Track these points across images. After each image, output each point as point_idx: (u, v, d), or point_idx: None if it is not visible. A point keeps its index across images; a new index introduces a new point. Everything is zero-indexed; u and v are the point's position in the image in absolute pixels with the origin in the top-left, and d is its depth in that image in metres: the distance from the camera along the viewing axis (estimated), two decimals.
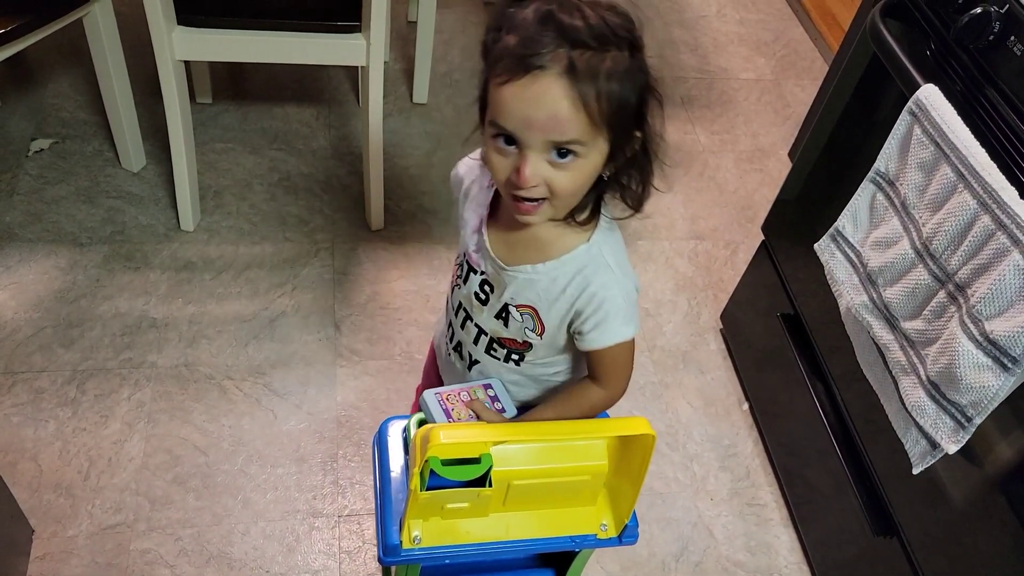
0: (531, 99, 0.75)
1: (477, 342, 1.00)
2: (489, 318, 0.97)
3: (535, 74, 0.75)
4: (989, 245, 0.97)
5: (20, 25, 1.49)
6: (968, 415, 1.01)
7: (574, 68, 0.74)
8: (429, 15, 2.06)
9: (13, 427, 1.51)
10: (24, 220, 1.83)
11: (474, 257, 0.96)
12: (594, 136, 0.78)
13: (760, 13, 2.79)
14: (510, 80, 0.76)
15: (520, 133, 0.77)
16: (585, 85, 0.75)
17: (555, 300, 0.91)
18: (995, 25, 1.03)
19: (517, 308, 0.93)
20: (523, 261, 0.91)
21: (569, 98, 0.75)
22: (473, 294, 0.97)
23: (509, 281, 0.92)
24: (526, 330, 0.95)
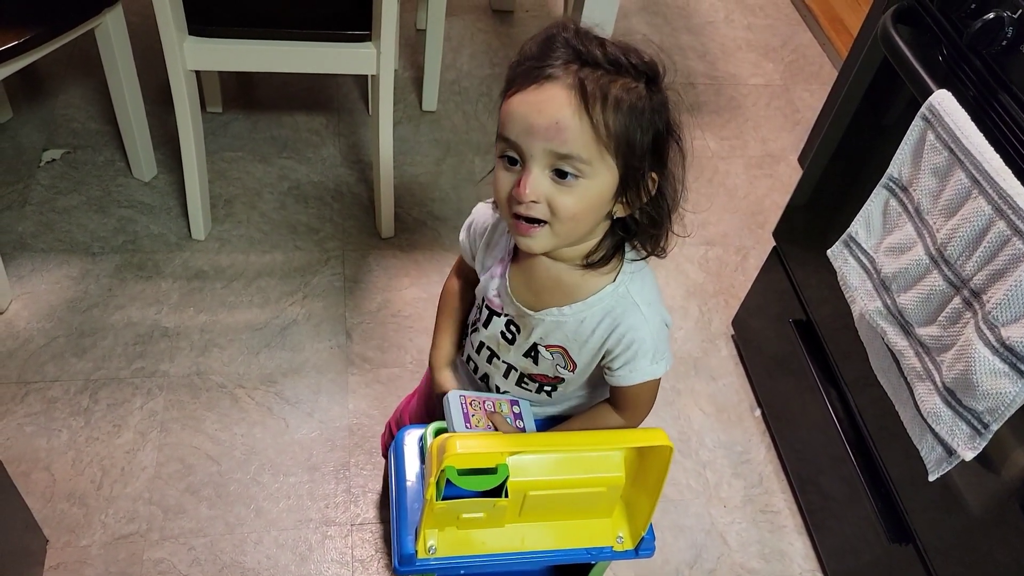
0: (535, 104, 0.75)
1: (507, 376, 1.01)
2: (518, 356, 0.97)
3: (542, 83, 0.75)
4: (1004, 251, 0.97)
5: (33, 37, 1.50)
6: (985, 421, 1.00)
7: (582, 83, 0.74)
8: (438, 23, 2.07)
9: (26, 437, 1.52)
10: (36, 230, 1.84)
11: (495, 302, 0.96)
12: (599, 156, 0.76)
13: (768, 18, 2.79)
14: (519, 90, 0.77)
15: (522, 140, 0.76)
16: (591, 100, 0.74)
17: (585, 341, 0.91)
18: (1008, 30, 1.02)
19: (547, 348, 0.94)
20: (548, 305, 0.91)
21: (573, 107, 0.74)
22: (499, 334, 0.97)
23: (536, 324, 0.92)
24: (557, 367, 0.95)
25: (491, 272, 0.97)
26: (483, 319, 0.99)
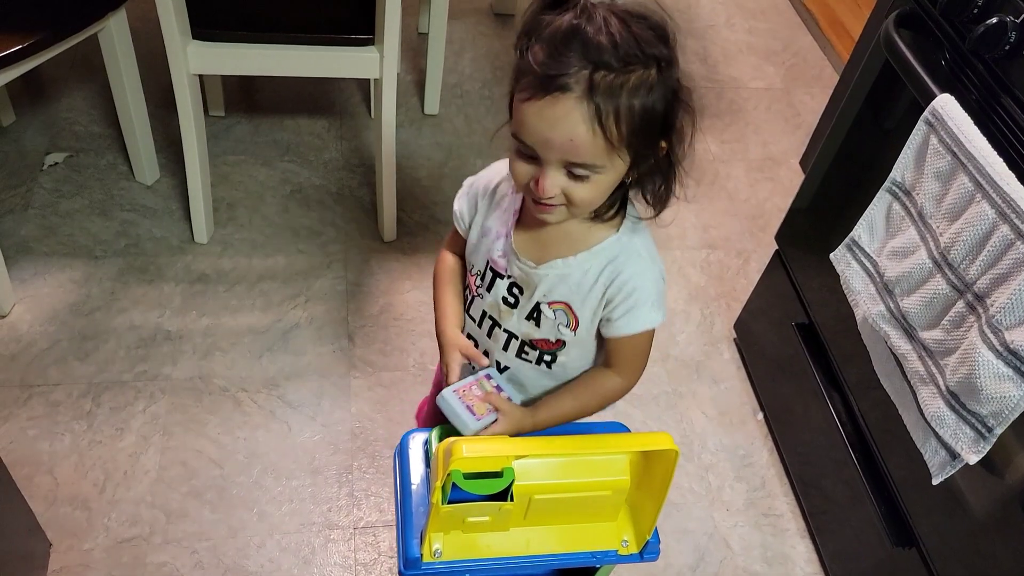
0: (550, 121, 0.77)
1: (507, 347, 1.00)
2: (520, 320, 0.98)
3: (555, 96, 0.75)
4: (1008, 255, 0.97)
5: (36, 41, 1.50)
6: (989, 425, 1.01)
7: (594, 91, 0.75)
8: (440, 26, 2.07)
9: (29, 440, 1.52)
10: (39, 234, 1.84)
11: (500, 263, 0.97)
12: (611, 158, 0.79)
13: (769, 22, 2.80)
14: (531, 98, 0.77)
15: (538, 148, 0.79)
16: (604, 115, 0.76)
17: (588, 291, 0.92)
18: (1011, 35, 1.03)
19: (550, 305, 0.94)
20: (554, 257, 0.92)
21: (586, 123, 0.76)
22: (500, 299, 0.98)
23: (540, 280, 0.93)
24: (559, 327, 0.95)
25: (496, 232, 0.97)
26: (486, 283, 0.99)
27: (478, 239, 1.00)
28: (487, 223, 0.98)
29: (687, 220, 2.11)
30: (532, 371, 1.01)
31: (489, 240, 0.98)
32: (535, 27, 0.79)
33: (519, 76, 0.79)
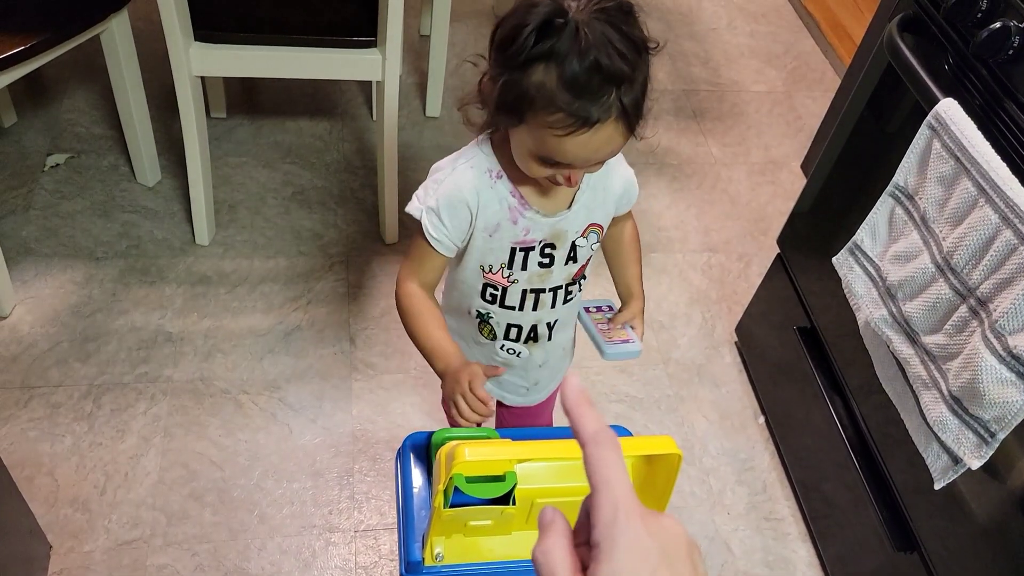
0: (594, 146, 0.85)
1: (555, 303, 1.06)
2: (560, 269, 1.03)
3: (596, 126, 0.82)
4: (1011, 259, 0.97)
5: (39, 43, 1.50)
6: (991, 430, 1.00)
7: (626, 111, 0.83)
8: (442, 29, 2.07)
9: (30, 442, 1.52)
10: (40, 235, 1.84)
11: (527, 239, 0.99)
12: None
13: (770, 25, 2.80)
14: (573, 133, 0.83)
15: (579, 165, 0.88)
16: (634, 116, 0.85)
17: (604, 199, 1.02)
18: (1015, 39, 1.03)
19: (583, 234, 1.01)
20: (572, 193, 0.98)
21: (623, 135, 0.86)
22: (536, 265, 1.02)
23: (571, 222, 0.99)
24: (592, 246, 1.04)
25: (509, 219, 0.97)
26: (520, 262, 1.01)
27: (488, 240, 0.99)
28: (489, 220, 0.97)
29: (688, 223, 2.11)
30: (567, 310, 1.09)
31: (503, 231, 0.98)
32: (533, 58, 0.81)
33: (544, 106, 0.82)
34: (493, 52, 0.87)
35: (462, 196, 0.95)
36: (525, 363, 1.13)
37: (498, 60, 0.85)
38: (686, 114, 2.40)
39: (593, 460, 0.41)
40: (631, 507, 0.39)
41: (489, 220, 0.98)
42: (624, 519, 0.39)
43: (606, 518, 0.39)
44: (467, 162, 0.96)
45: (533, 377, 1.16)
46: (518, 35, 0.81)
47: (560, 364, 1.20)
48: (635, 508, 0.40)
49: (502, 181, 0.96)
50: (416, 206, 0.98)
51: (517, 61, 0.82)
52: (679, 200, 2.16)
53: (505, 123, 0.89)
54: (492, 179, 0.96)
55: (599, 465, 0.41)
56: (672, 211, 2.13)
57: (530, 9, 0.81)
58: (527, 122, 0.85)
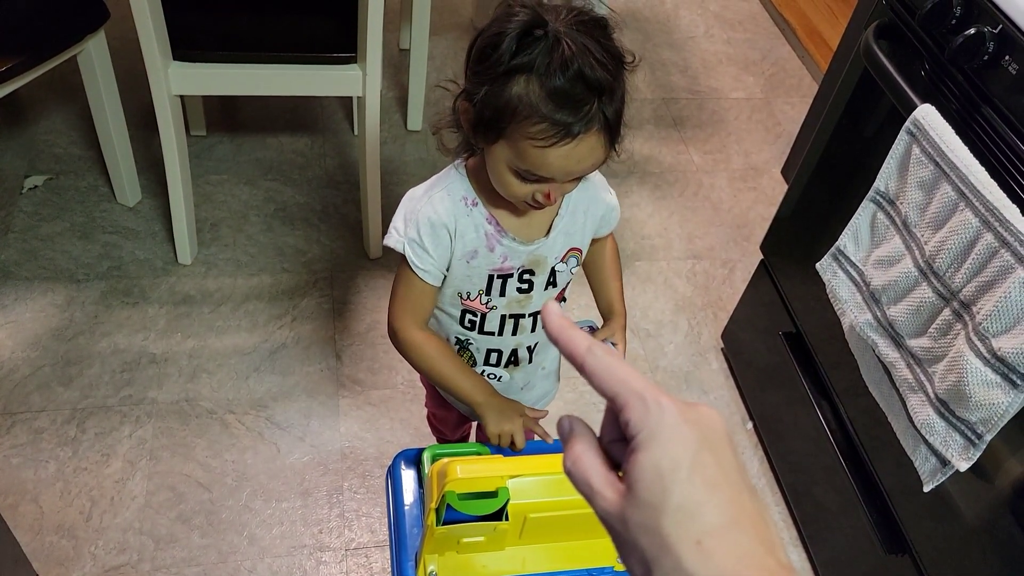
0: (575, 158, 0.84)
1: (535, 327, 1.06)
2: (539, 295, 1.03)
3: (579, 137, 0.82)
4: (993, 263, 0.98)
5: (15, 64, 1.49)
6: (978, 432, 1.01)
7: (608, 122, 0.83)
8: (422, 43, 2.08)
9: (13, 469, 1.50)
10: (19, 258, 1.82)
11: (504, 265, 0.98)
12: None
13: (747, 32, 2.82)
14: (555, 144, 0.82)
15: (559, 178, 0.87)
16: (615, 128, 0.85)
17: (583, 224, 1.01)
18: (989, 45, 1.04)
19: (562, 260, 1.01)
20: (550, 218, 0.98)
21: (605, 146, 0.86)
22: (515, 291, 1.01)
23: (549, 249, 0.99)
24: (571, 270, 1.03)
25: (486, 246, 0.96)
26: (496, 291, 1.01)
27: (465, 267, 0.98)
28: (466, 247, 0.96)
29: (672, 231, 2.12)
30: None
31: (480, 258, 0.97)
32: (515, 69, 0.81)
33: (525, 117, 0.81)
34: (471, 66, 0.86)
35: (441, 220, 0.94)
36: (506, 387, 1.11)
37: (477, 73, 0.85)
38: (666, 122, 2.42)
39: (598, 370, 0.40)
40: (659, 395, 0.38)
41: (467, 247, 0.97)
42: (656, 408, 0.38)
43: (638, 412, 0.38)
44: (442, 189, 0.95)
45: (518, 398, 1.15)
46: (499, 44, 0.81)
47: (544, 385, 1.19)
48: (664, 395, 0.38)
49: (478, 208, 0.95)
50: (397, 239, 0.96)
51: (497, 72, 0.82)
52: (662, 208, 2.17)
53: (483, 140, 0.87)
54: (468, 206, 0.95)
55: (606, 372, 0.39)
56: (655, 219, 2.14)
57: (509, 19, 0.81)
58: (507, 136, 0.84)
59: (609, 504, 0.38)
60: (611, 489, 0.39)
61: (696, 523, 0.36)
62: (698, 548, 0.35)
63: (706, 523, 0.36)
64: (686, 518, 0.36)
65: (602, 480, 0.39)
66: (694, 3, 2.91)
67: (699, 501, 0.36)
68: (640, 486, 0.37)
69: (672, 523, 0.36)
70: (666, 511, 0.36)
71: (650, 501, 0.36)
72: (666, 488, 0.36)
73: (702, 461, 0.37)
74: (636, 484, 0.37)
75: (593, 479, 0.39)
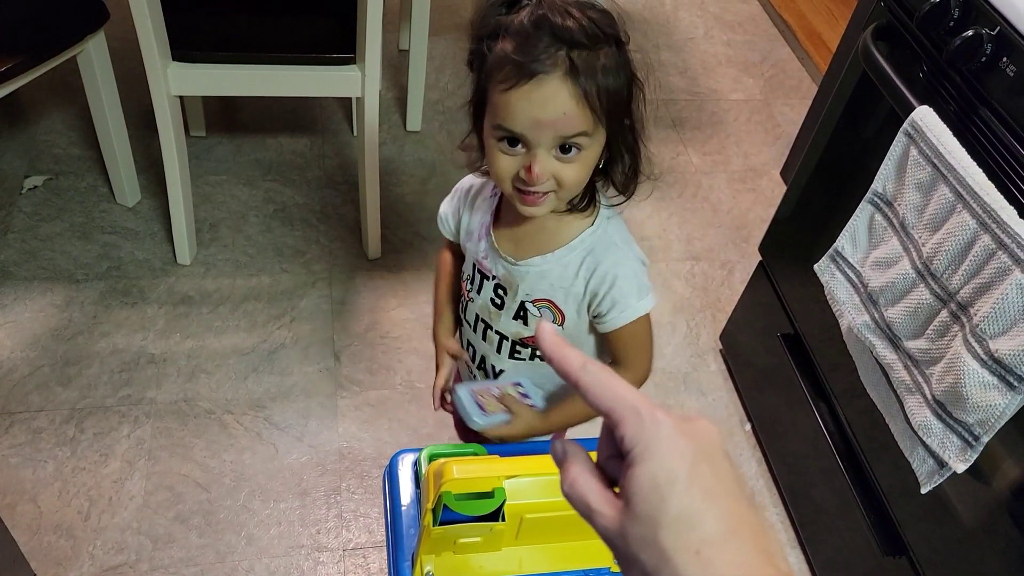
0: (539, 102, 0.80)
1: (500, 350, 1.02)
2: (508, 321, 1.00)
3: (540, 78, 0.79)
4: (990, 264, 0.98)
5: (15, 65, 1.49)
6: (975, 434, 1.01)
7: (575, 68, 0.79)
8: (421, 43, 2.08)
9: (11, 468, 1.50)
10: (19, 258, 1.82)
11: (485, 264, 0.99)
12: (596, 127, 0.83)
13: (747, 34, 2.82)
14: (515, 86, 0.80)
15: (529, 133, 0.82)
16: (586, 82, 0.80)
17: (570, 286, 0.95)
18: (987, 47, 1.04)
19: (534, 303, 0.97)
20: (532, 254, 0.95)
21: (575, 96, 0.80)
22: (489, 301, 1.00)
23: (521, 278, 0.96)
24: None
25: (478, 234, 1.00)
26: (476, 285, 1.02)
27: (464, 243, 1.03)
28: (470, 226, 1.01)
29: (671, 232, 2.12)
30: (527, 368, 1.03)
31: (473, 242, 1.01)
32: (497, 26, 0.83)
33: (494, 69, 0.82)
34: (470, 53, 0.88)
35: (464, 187, 1.03)
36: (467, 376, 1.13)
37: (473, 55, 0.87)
38: (665, 124, 2.42)
39: (592, 386, 0.40)
40: (654, 410, 0.38)
41: (471, 225, 1.01)
42: (651, 422, 0.38)
43: (633, 426, 0.38)
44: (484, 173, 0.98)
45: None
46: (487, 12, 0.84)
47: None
48: (659, 410, 0.38)
49: (494, 199, 0.99)
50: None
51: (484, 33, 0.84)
52: (661, 209, 2.17)
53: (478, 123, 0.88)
54: (490, 194, 0.99)
55: (601, 388, 0.40)
56: (654, 220, 2.14)
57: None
58: (488, 100, 0.84)
59: (608, 521, 0.39)
60: (609, 506, 0.39)
61: (695, 533, 0.36)
62: (697, 558, 0.35)
63: (704, 533, 0.36)
64: (684, 529, 0.36)
65: (599, 499, 0.39)
66: (694, 4, 2.91)
67: (697, 511, 0.36)
68: (637, 500, 0.37)
69: (671, 534, 0.36)
70: (664, 523, 0.36)
71: (648, 514, 0.37)
72: (663, 500, 0.36)
73: (699, 472, 0.37)
74: (633, 498, 0.37)
75: (591, 499, 0.39)
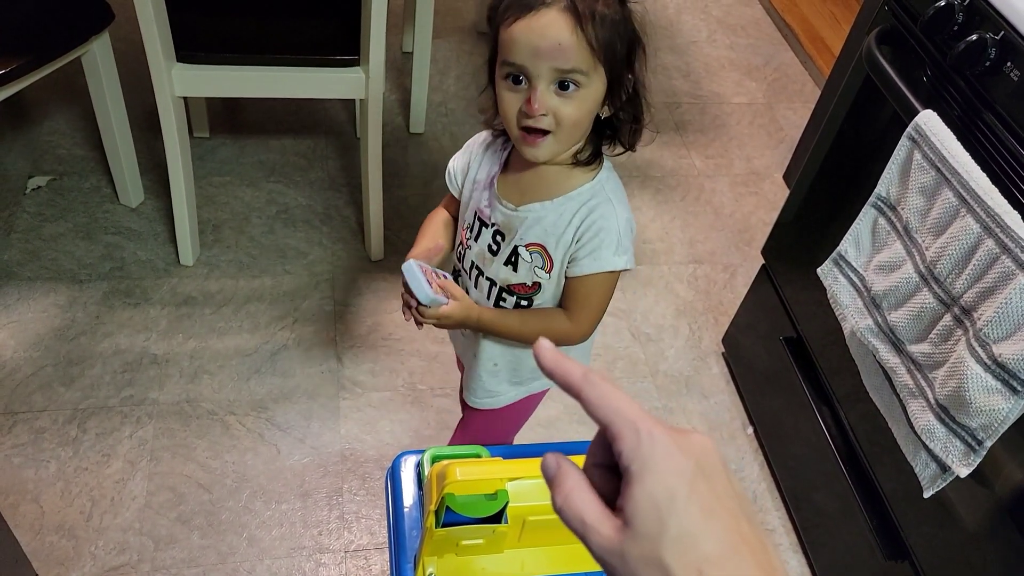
0: (537, 30, 0.85)
1: (490, 296, 1.06)
2: (499, 267, 1.03)
3: (539, 10, 0.85)
4: (994, 269, 0.98)
5: (20, 65, 1.50)
6: (979, 438, 1.01)
7: (575, 5, 0.85)
8: (424, 46, 2.08)
9: (14, 468, 1.50)
10: (22, 258, 1.82)
11: (485, 211, 1.03)
12: (593, 66, 0.87)
13: (750, 38, 2.82)
14: (518, 18, 0.86)
15: (528, 63, 0.86)
16: (584, 20, 0.85)
17: (562, 233, 0.98)
18: (991, 52, 1.04)
19: (527, 247, 1.00)
20: (533, 200, 0.98)
21: (570, 28, 0.85)
22: (486, 247, 1.04)
23: (519, 223, 0.99)
24: (535, 269, 1.01)
25: (484, 183, 1.04)
26: (474, 233, 1.05)
27: (469, 194, 1.06)
28: (478, 175, 1.05)
29: (673, 235, 2.12)
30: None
31: (478, 191, 1.04)
32: None
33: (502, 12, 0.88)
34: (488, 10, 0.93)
35: (478, 140, 1.06)
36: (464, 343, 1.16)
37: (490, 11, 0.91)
38: (668, 126, 2.42)
39: (593, 398, 0.40)
40: (652, 426, 0.38)
41: (479, 175, 1.05)
42: (648, 438, 0.38)
43: (630, 442, 0.38)
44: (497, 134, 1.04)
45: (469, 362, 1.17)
46: None
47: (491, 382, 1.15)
48: (657, 425, 0.38)
49: (504, 152, 1.03)
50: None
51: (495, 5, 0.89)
52: (663, 212, 2.17)
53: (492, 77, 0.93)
54: (501, 147, 1.04)
55: (601, 400, 0.39)
56: (656, 223, 2.14)
57: None
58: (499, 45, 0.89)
59: (606, 540, 0.38)
60: (607, 525, 0.38)
61: (696, 552, 0.36)
62: None
63: (706, 551, 0.36)
64: (686, 547, 0.36)
65: (597, 516, 0.39)
66: (697, 8, 2.92)
67: (697, 530, 0.36)
68: (637, 519, 0.37)
69: (672, 553, 0.36)
70: (665, 542, 0.36)
71: (648, 533, 0.36)
72: (663, 519, 0.36)
73: (697, 489, 0.37)
74: (633, 518, 0.37)
75: (587, 515, 0.39)
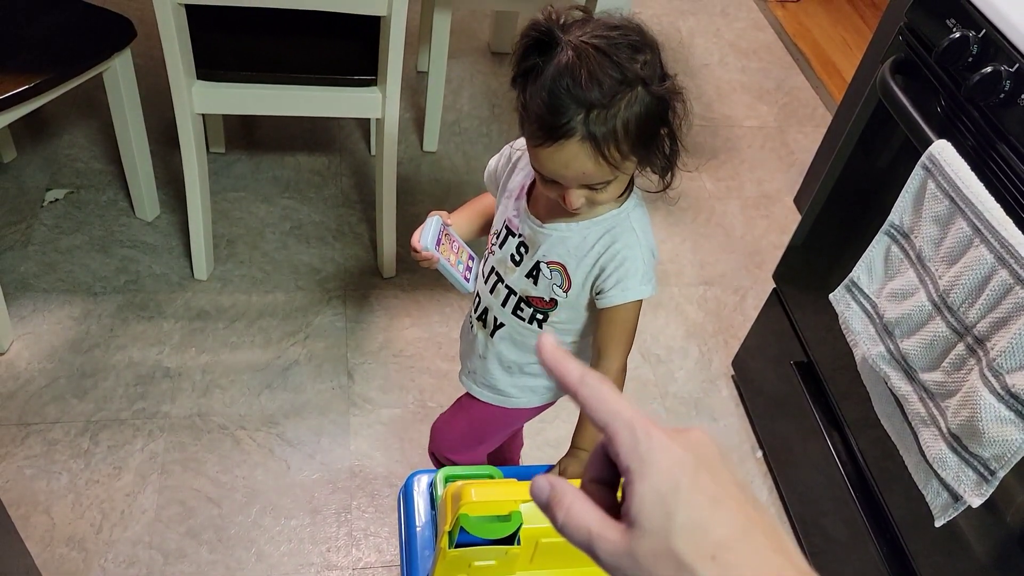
0: (561, 162, 0.89)
1: (506, 304, 1.08)
2: (520, 277, 1.06)
3: (561, 143, 0.87)
4: (1008, 299, 0.98)
5: (43, 81, 1.52)
6: (991, 468, 1.01)
7: (592, 134, 0.86)
8: (440, 65, 2.10)
9: (26, 480, 1.51)
10: (39, 270, 1.84)
11: (514, 221, 1.05)
12: (622, 168, 0.90)
13: (761, 61, 2.84)
14: (541, 145, 0.88)
15: (558, 179, 0.92)
16: (605, 148, 0.87)
17: (583, 256, 1.01)
18: (1006, 83, 1.05)
19: (548, 264, 1.03)
20: (559, 219, 1.01)
21: (593, 158, 0.88)
22: (509, 256, 1.06)
23: (544, 239, 1.02)
24: (554, 286, 1.03)
25: (515, 193, 1.07)
26: (500, 240, 1.08)
27: (502, 202, 1.09)
28: (511, 184, 1.07)
29: (684, 257, 2.13)
30: (523, 329, 1.08)
31: (510, 200, 1.07)
32: (529, 70, 0.89)
33: (528, 120, 0.90)
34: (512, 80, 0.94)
35: (517, 146, 1.08)
36: (473, 342, 1.17)
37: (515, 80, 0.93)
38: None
39: (590, 400, 0.40)
40: (648, 425, 0.38)
41: (511, 184, 1.08)
42: (645, 437, 0.38)
43: (627, 444, 0.38)
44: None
45: (476, 363, 1.18)
46: (515, 51, 0.91)
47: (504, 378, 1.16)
48: (654, 425, 0.38)
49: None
50: None
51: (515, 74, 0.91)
52: (674, 234, 2.18)
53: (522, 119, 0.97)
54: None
55: (598, 402, 0.39)
56: (667, 245, 2.15)
57: (528, 29, 0.89)
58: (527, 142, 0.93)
59: (613, 545, 0.37)
60: (613, 530, 0.38)
61: (707, 538, 0.36)
62: (714, 563, 0.35)
63: (717, 536, 0.36)
64: (696, 535, 0.36)
65: (600, 524, 0.38)
66: (709, 31, 2.94)
67: (705, 517, 0.36)
68: (643, 516, 0.37)
69: (683, 542, 0.36)
70: (674, 532, 0.36)
71: (656, 527, 0.36)
72: (669, 511, 0.36)
73: (700, 479, 0.37)
74: (639, 516, 0.37)
75: (591, 524, 0.38)
